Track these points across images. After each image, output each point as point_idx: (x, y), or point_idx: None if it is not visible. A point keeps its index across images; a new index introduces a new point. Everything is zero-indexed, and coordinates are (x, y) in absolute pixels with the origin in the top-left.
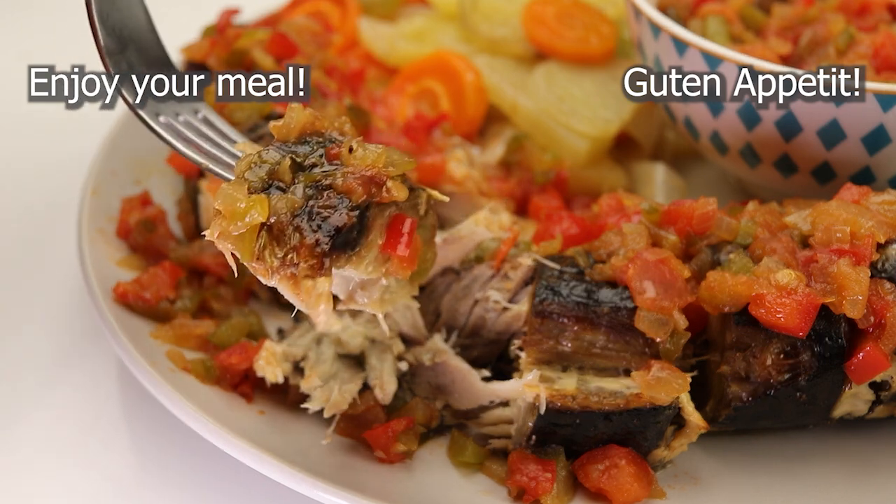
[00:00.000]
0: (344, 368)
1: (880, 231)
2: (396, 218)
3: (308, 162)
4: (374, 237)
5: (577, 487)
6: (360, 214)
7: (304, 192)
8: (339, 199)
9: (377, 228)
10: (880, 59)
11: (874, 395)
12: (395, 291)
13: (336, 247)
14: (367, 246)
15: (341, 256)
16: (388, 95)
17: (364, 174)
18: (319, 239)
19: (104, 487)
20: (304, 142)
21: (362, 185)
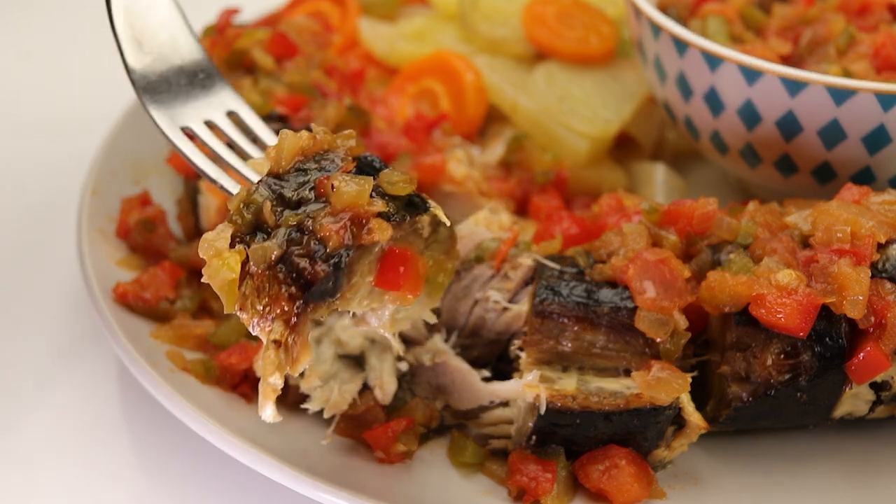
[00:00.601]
0: (344, 369)
1: (881, 231)
2: (389, 253)
3: (297, 197)
4: (358, 279)
5: (577, 488)
6: (336, 265)
7: (286, 236)
8: (317, 247)
9: (363, 268)
10: (881, 59)
11: (875, 395)
12: (408, 309)
13: (311, 300)
14: (351, 288)
15: (319, 307)
16: (388, 95)
17: (342, 218)
18: (292, 293)
19: (104, 487)
20: (299, 170)
21: (339, 231)
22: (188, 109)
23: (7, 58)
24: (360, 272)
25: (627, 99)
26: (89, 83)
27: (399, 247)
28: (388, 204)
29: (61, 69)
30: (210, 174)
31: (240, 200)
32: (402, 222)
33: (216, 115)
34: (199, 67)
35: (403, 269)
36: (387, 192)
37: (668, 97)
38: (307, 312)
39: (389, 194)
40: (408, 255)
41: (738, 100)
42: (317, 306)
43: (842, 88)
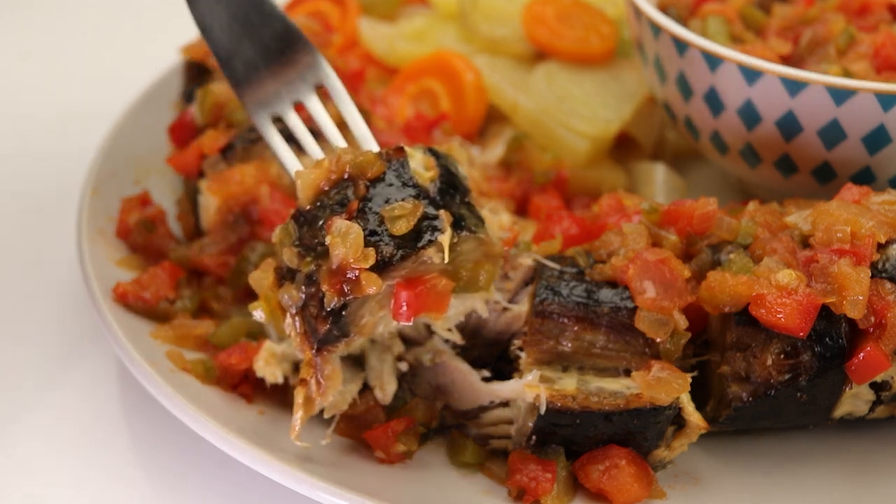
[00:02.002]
0: (344, 369)
1: (881, 231)
2: (397, 288)
3: (313, 238)
4: (368, 318)
5: (577, 488)
6: (336, 315)
7: (303, 282)
8: (321, 299)
9: (370, 309)
10: (880, 59)
11: (875, 395)
12: (457, 307)
13: (322, 347)
14: (362, 329)
15: (336, 347)
16: (388, 95)
17: (336, 273)
18: (309, 340)
19: (104, 487)
20: (320, 205)
21: (333, 286)
22: (279, 90)
23: (7, 58)
24: (367, 313)
25: (627, 99)
26: (89, 83)
27: (409, 278)
28: (384, 249)
29: (61, 69)
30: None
31: (277, 237)
32: (398, 264)
33: (305, 92)
34: (282, 37)
35: (418, 299)
36: (390, 232)
37: (668, 97)
38: (324, 356)
39: (393, 234)
40: (417, 285)
41: (738, 100)
42: (333, 348)
43: (842, 88)
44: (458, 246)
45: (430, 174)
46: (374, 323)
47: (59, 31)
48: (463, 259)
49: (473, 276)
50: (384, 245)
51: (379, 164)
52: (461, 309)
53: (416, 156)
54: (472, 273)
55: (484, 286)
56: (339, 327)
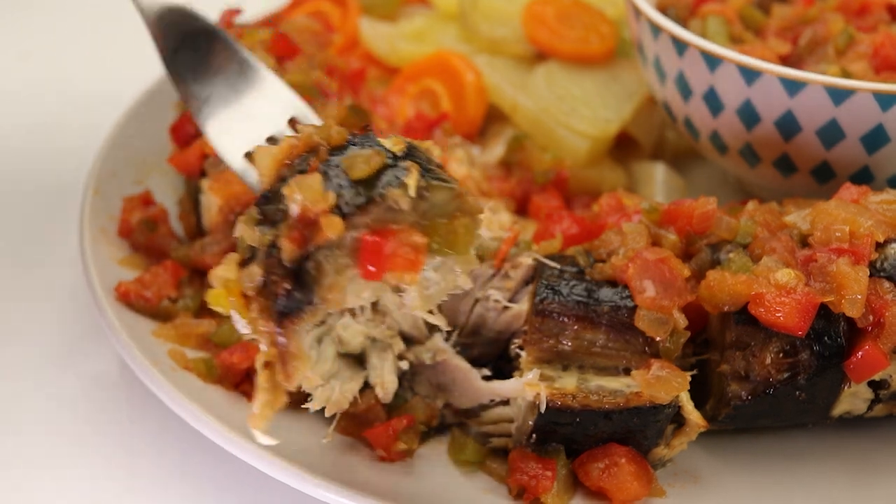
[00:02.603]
0: (345, 367)
1: (879, 230)
2: (363, 242)
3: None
4: (335, 278)
5: (577, 486)
6: (296, 274)
7: (264, 256)
8: (280, 261)
9: (336, 266)
10: (879, 59)
11: (873, 393)
12: (438, 283)
13: (284, 316)
14: (331, 289)
15: (300, 318)
16: (388, 95)
17: (291, 226)
18: (270, 312)
19: (106, 486)
20: (282, 180)
21: (292, 240)
22: (251, 126)
23: (7, 58)
24: (333, 271)
25: (627, 99)
26: (89, 83)
27: (378, 230)
28: (344, 193)
29: (61, 69)
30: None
31: (240, 227)
32: (360, 208)
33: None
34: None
35: (387, 253)
36: (350, 177)
37: (668, 97)
38: (287, 328)
39: (353, 180)
40: (384, 237)
41: (737, 100)
42: (297, 318)
43: (840, 88)
44: (429, 194)
45: (398, 147)
46: (341, 285)
47: (59, 31)
48: (436, 213)
49: (450, 233)
50: (345, 190)
51: (342, 133)
52: (443, 286)
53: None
54: (449, 229)
55: (463, 245)
56: (300, 287)
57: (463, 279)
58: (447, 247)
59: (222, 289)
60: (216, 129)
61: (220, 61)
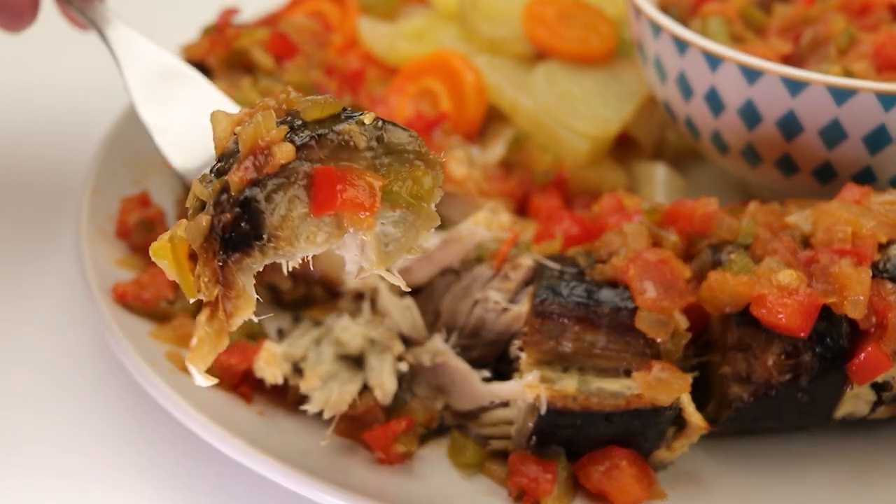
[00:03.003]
0: (344, 369)
1: (882, 231)
2: (316, 175)
3: (227, 166)
4: (286, 212)
5: (577, 489)
6: (243, 202)
7: (213, 204)
8: (227, 200)
9: (287, 199)
10: (881, 59)
11: (876, 395)
12: (398, 239)
13: (230, 248)
14: (282, 225)
15: (247, 254)
16: (388, 95)
17: (240, 161)
18: (215, 250)
19: (103, 488)
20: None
21: (242, 171)
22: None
23: (7, 58)
24: (285, 204)
25: (628, 99)
26: (89, 83)
27: (329, 166)
28: (296, 130)
29: (61, 69)
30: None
31: (192, 188)
32: (316, 140)
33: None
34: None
35: (341, 187)
36: (304, 119)
37: (669, 97)
38: (231, 263)
39: (307, 120)
40: (340, 170)
41: (738, 99)
42: (243, 254)
43: (842, 88)
44: (385, 137)
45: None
46: (292, 223)
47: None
48: (394, 159)
49: (408, 180)
50: (298, 126)
51: (301, 96)
52: (403, 242)
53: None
54: (407, 176)
55: (424, 196)
56: (248, 216)
57: (424, 236)
58: (407, 195)
59: (167, 242)
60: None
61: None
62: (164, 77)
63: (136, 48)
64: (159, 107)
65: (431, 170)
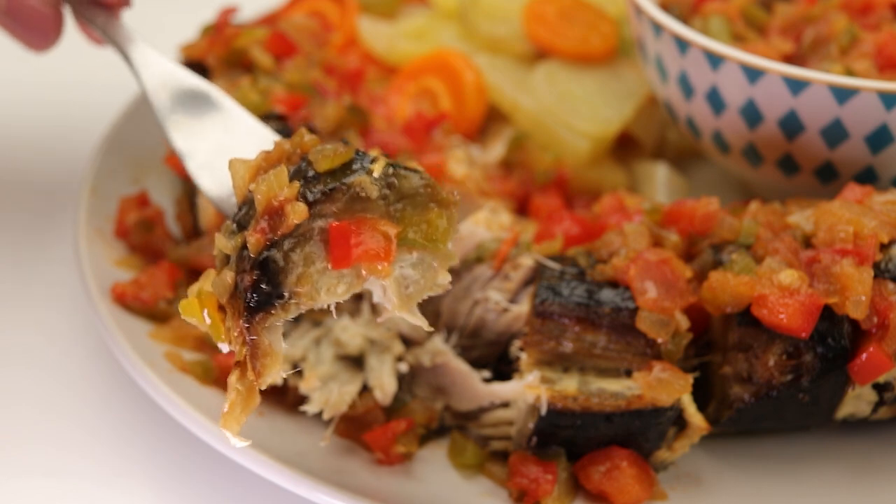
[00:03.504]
0: (343, 370)
1: (884, 231)
2: (331, 231)
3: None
4: (304, 269)
5: (578, 489)
6: (261, 265)
7: (236, 260)
8: (247, 259)
9: (305, 257)
10: (883, 58)
11: (877, 396)
12: (417, 281)
13: (253, 310)
14: (300, 281)
15: (270, 314)
16: (387, 94)
17: (257, 220)
18: (240, 310)
19: (102, 488)
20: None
21: (258, 232)
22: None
23: (7, 58)
24: (302, 261)
25: (629, 98)
26: (89, 83)
27: (344, 219)
28: (309, 183)
29: (61, 69)
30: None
31: (216, 240)
32: (328, 195)
33: None
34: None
35: (356, 241)
36: (316, 170)
37: (670, 96)
38: (255, 324)
39: (319, 172)
40: (353, 225)
41: (739, 99)
42: (266, 314)
43: (844, 87)
44: (397, 182)
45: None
46: (311, 278)
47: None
48: (407, 203)
49: (423, 223)
50: (310, 179)
51: (315, 140)
52: (423, 284)
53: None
54: (422, 219)
55: (440, 238)
56: (267, 277)
57: (443, 276)
58: (422, 239)
59: (195, 298)
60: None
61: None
62: (189, 99)
63: (160, 70)
64: (187, 131)
65: (446, 210)
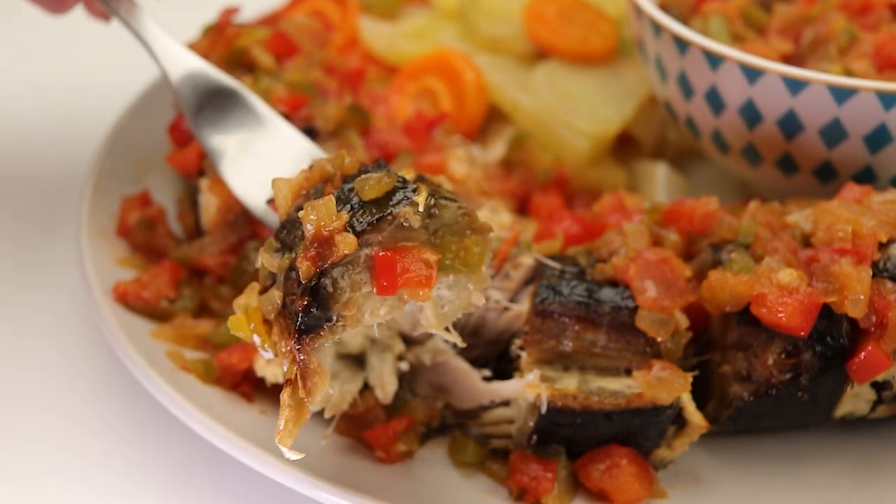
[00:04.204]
0: (344, 368)
1: (882, 230)
2: (376, 259)
3: (292, 240)
4: (351, 295)
5: (578, 487)
6: (312, 291)
7: (284, 280)
8: (297, 284)
9: (351, 283)
10: (882, 58)
11: (876, 394)
12: (452, 301)
13: (303, 333)
14: (347, 305)
15: (319, 335)
16: (388, 94)
17: (307, 247)
18: (291, 331)
19: (103, 487)
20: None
21: (308, 259)
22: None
23: (7, 58)
24: (349, 288)
25: (628, 98)
26: (89, 83)
27: (389, 247)
28: (357, 213)
29: (61, 69)
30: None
31: (260, 256)
32: (374, 225)
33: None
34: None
35: (401, 269)
36: (361, 198)
37: (670, 96)
38: (306, 345)
39: (364, 200)
40: (397, 254)
41: (739, 99)
42: (315, 336)
43: (843, 87)
44: (437, 212)
45: (409, 174)
46: (357, 303)
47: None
48: (446, 230)
49: (461, 250)
50: (356, 209)
51: (355, 162)
52: (457, 304)
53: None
54: (459, 246)
55: (475, 263)
56: (318, 303)
57: (477, 297)
58: (459, 264)
59: (243, 314)
60: (237, 178)
61: (238, 115)
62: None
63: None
64: (215, 129)
65: (481, 236)
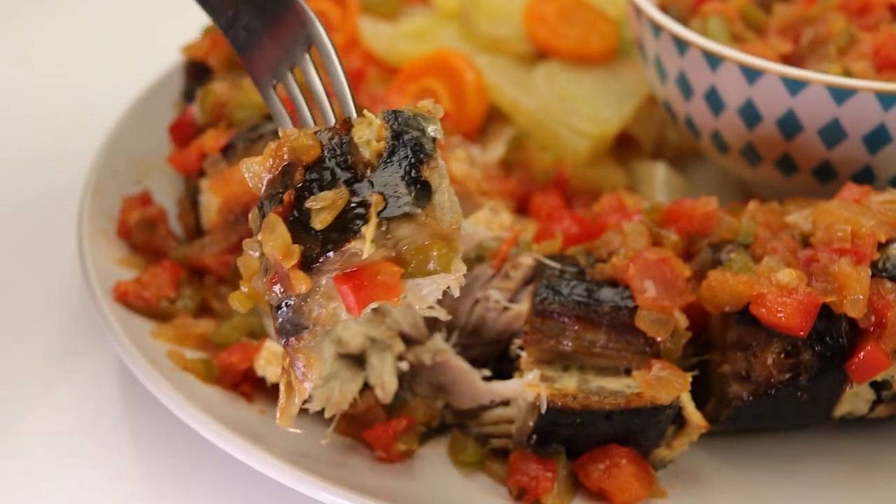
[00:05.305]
0: (344, 368)
1: (881, 230)
2: (336, 281)
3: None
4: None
5: (577, 487)
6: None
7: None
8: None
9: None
10: (881, 59)
11: (875, 394)
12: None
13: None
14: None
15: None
16: (388, 95)
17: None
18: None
19: (105, 486)
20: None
21: (270, 291)
22: (279, 54)
23: (7, 58)
24: (315, 306)
25: (628, 98)
26: (89, 82)
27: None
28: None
29: (61, 69)
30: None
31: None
32: (325, 260)
33: (300, 55)
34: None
35: (363, 291)
36: (314, 227)
37: (669, 96)
38: (290, 346)
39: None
40: (357, 276)
41: (738, 99)
42: (299, 337)
43: (842, 88)
44: (390, 233)
45: (379, 145)
46: (329, 314)
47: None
48: (406, 243)
49: (424, 261)
50: (310, 241)
51: (316, 146)
52: (434, 286)
53: (373, 123)
54: (421, 256)
55: (443, 264)
56: (289, 321)
57: (454, 283)
58: (427, 269)
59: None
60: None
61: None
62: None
63: None
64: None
65: (448, 241)
